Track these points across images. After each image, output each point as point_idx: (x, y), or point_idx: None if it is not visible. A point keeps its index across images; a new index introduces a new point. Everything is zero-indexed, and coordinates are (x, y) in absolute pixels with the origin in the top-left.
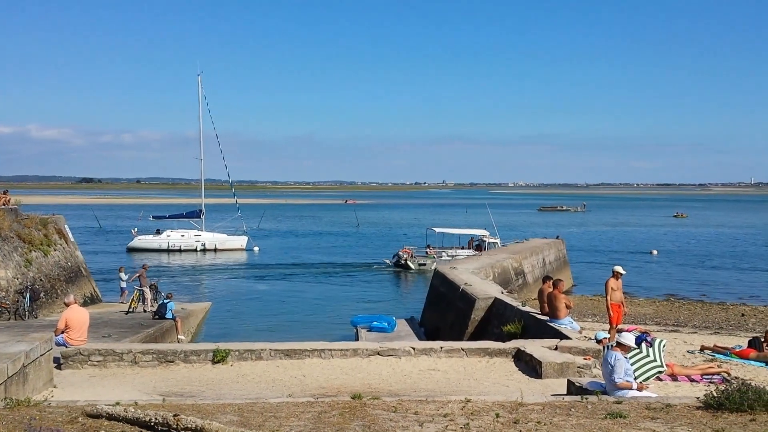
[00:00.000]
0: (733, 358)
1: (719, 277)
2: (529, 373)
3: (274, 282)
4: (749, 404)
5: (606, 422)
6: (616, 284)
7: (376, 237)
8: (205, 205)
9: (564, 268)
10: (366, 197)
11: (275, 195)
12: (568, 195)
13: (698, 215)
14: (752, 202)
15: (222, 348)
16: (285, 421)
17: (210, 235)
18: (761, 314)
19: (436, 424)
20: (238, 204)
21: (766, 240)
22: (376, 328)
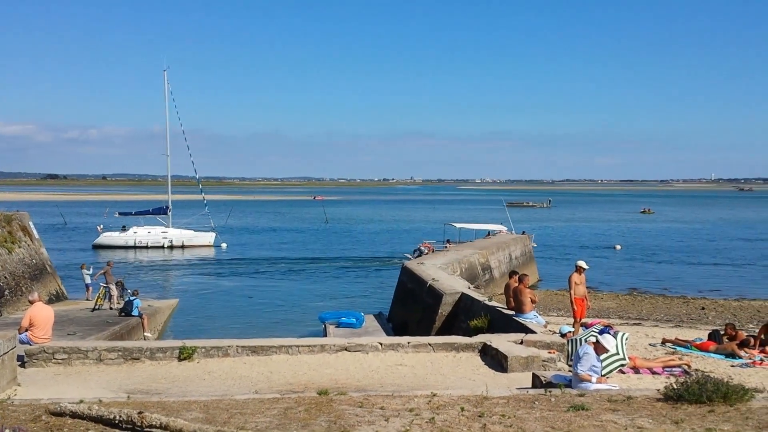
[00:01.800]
0: (693, 351)
1: (681, 272)
2: (495, 367)
3: (241, 278)
4: (708, 396)
5: (569, 415)
6: (580, 279)
7: (344, 233)
8: (172, 201)
9: (530, 263)
10: (334, 193)
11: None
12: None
13: (663, 211)
14: (712, 197)
15: (188, 345)
16: (251, 418)
17: (177, 231)
18: (721, 307)
19: (402, 418)
20: (205, 200)
21: (725, 235)
22: (344, 324)
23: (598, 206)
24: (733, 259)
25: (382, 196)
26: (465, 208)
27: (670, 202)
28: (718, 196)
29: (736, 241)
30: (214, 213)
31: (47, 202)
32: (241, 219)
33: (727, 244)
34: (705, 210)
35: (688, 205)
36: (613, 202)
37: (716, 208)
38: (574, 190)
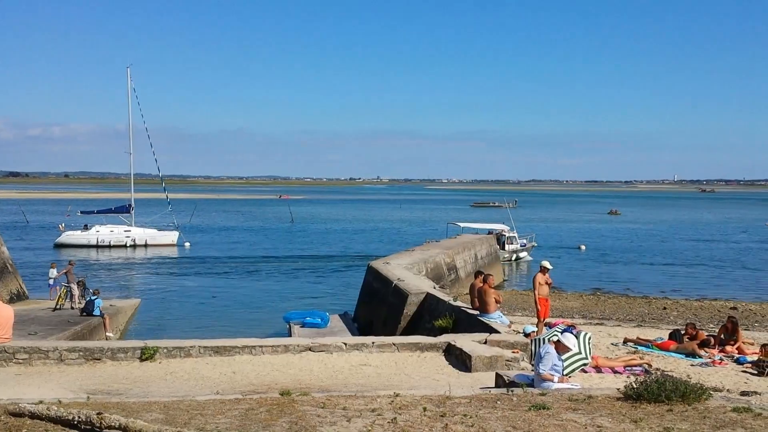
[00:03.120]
0: (654, 350)
1: (643, 272)
2: (459, 367)
3: (205, 278)
4: (667, 395)
5: (530, 414)
6: (544, 279)
7: (310, 232)
8: (135, 199)
9: (495, 264)
10: (300, 192)
11: (207, 190)
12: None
13: (628, 212)
14: (675, 198)
15: (150, 345)
16: (211, 419)
17: (140, 230)
18: (682, 307)
19: (364, 419)
20: (168, 199)
21: (687, 235)
22: (309, 324)
23: (564, 207)
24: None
25: (349, 196)
26: (431, 207)
27: (634, 203)
28: (681, 197)
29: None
30: (177, 212)
31: (9, 201)
32: (206, 218)
33: (686, 246)
34: (668, 211)
35: (652, 206)
36: (579, 203)
37: (679, 209)
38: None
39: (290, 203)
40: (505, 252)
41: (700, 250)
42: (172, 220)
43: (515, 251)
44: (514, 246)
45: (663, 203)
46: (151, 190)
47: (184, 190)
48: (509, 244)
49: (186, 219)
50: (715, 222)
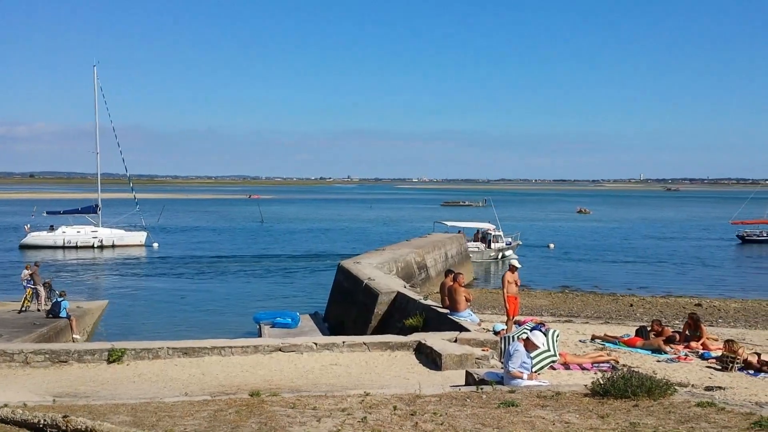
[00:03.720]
0: (621, 347)
1: (611, 269)
2: (430, 365)
3: (174, 279)
4: (633, 391)
5: (499, 411)
6: (513, 277)
7: (280, 232)
8: (102, 200)
9: (465, 262)
10: (270, 192)
11: (176, 189)
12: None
13: (596, 210)
14: (642, 197)
15: (118, 347)
16: (179, 421)
17: (107, 231)
18: (648, 304)
19: (334, 418)
20: (136, 199)
21: (653, 233)
22: (280, 324)
23: (534, 205)
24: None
25: (319, 195)
26: (401, 207)
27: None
28: (647, 196)
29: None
30: (145, 212)
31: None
32: (174, 218)
33: (652, 244)
34: (635, 209)
35: (619, 205)
36: (548, 202)
37: (645, 207)
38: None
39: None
40: (491, 250)
41: (666, 248)
42: (140, 220)
43: (501, 249)
44: (499, 244)
45: (630, 202)
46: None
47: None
48: (495, 242)
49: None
50: (681, 220)
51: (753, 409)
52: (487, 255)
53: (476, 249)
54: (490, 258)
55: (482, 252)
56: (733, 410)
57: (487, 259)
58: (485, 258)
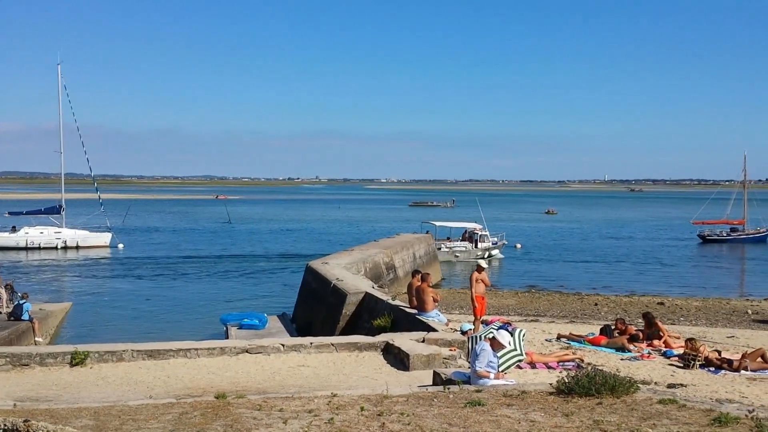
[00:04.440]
0: (586, 345)
1: (577, 269)
2: (398, 365)
3: (139, 280)
4: (596, 389)
5: (465, 410)
6: (480, 277)
7: (248, 233)
8: (66, 200)
9: (433, 263)
10: (237, 192)
11: (141, 190)
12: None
13: (563, 211)
14: (606, 198)
15: (81, 350)
16: (143, 424)
17: (71, 231)
18: (613, 303)
19: (301, 420)
20: (101, 199)
21: (616, 233)
22: (247, 326)
23: (501, 206)
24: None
25: (287, 196)
26: (370, 207)
27: (568, 202)
28: (612, 197)
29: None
30: (110, 212)
31: None
32: (140, 219)
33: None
34: (600, 210)
35: (585, 206)
36: (515, 202)
37: (610, 208)
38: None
39: (227, 203)
40: (478, 250)
41: (629, 247)
42: (104, 221)
43: (487, 249)
44: (486, 244)
45: (595, 202)
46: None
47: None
48: (482, 242)
49: (119, 220)
50: (643, 220)
51: (713, 405)
52: (474, 254)
53: (464, 248)
54: (477, 257)
55: (470, 251)
56: (694, 407)
57: (474, 258)
58: (472, 257)
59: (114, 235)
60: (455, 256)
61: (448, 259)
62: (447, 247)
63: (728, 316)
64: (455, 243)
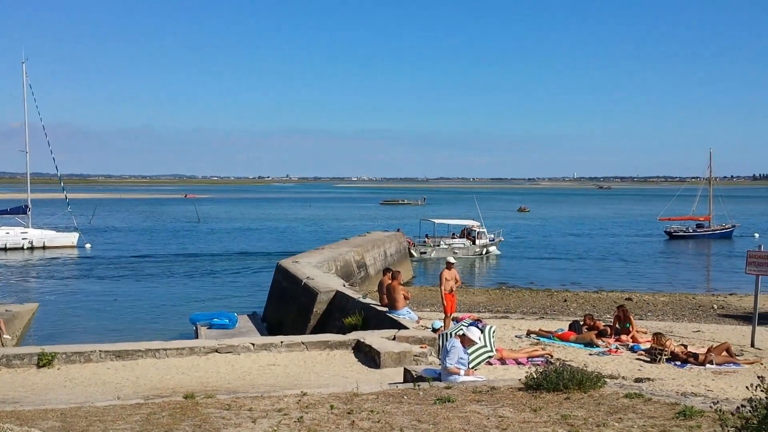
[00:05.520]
0: (555, 341)
1: (546, 266)
2: (369, 363)
3: (107, 280)
4: (564, 384)
5: (435, 407)
6: (450, 275)
7: (217, 232)
8: (32, 200)
9: (404, 260)
10: (206, 191)
11: (109, 189)
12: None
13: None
14: (576, 195)
15: (48, 351)
16: (111, 425)
17: (37, 232)
18: (582, 299)
19: (270, 419)
20: (67, 199)
21: (585, 230)
22: (217, 325)
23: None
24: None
25: (257, 194)
26: (341, 205)
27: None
28: (581, 194)
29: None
30: (77, 212)
31: None
32: (107, 218)
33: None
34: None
35: (555, 203)
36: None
37: (580, 205)
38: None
39: (196, 202)
40: (476, 246)
41: (597, 244)
42: (71, 220)
43: (485, 245)
44: (483, 241)
45: (565, 199)
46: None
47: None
48: (479, 239)
49: (86, 220)
50: (611, 217)
51: (678, 399)
52: (473, 251)
53: (462, 245)
54: (475, 254)
55: (468, 248)
56: (659, 401)
57: (473, 255)
58: (471, 254)
59: (81, 235)
60: (454, 253)
61: (446, 255)
62: (446, 244)
63: (694, 310)
64: (454, 240)
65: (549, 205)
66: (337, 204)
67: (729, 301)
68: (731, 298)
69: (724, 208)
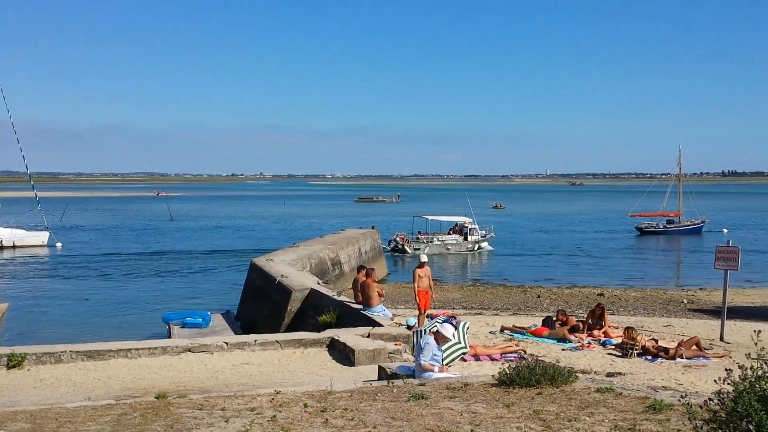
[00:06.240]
0: (529, 337)
1: (520, 262)
2: (343, 361)
3: (78, 280)
4: (536, 379)
5: (409, 404)
6: (423, 272)
7: (190, 230)
8: (1, 198)
9: (379, 258)
10: (179, 189)
11: (80, 188)
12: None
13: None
14: (549, 191)
15: (17, 352)
16: (81, 426)
17: (7, 231)
18: (554, 295)
19: (243, 418)
20: (38, 197)
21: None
22: (190, 324)
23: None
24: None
25: (230, 192)
26: (315, 203)
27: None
28: (554, 191)
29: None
30: (47, 211)
31: None
32: (78, 217)
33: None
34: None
35: (528, 200)
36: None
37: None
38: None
39: (169, 200)
40: (468, 242)
41: (570, 240)
42: (41, 219)
43: (477, 241)
44: (475, 237)
45: (538, 196)
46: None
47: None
48: (471, 235)
49: (57, 218)
50: (584, 213)
51: (648, 393)
52: (465, 247)
53: (454, 241)
54: (467, 250)
55: (460, 244)
56: (630, 395)
57: (465, 250)
58: (463, 250)
59: (52, 234)
60: (446, 249)
61: (439, 252)
62: (439, 240)
63: (665, 305)
64: (446, 236)
65: (523, 202)
66: (311, 201)
67: (699, 296)
68: (701, 293)
69: (694, 204)
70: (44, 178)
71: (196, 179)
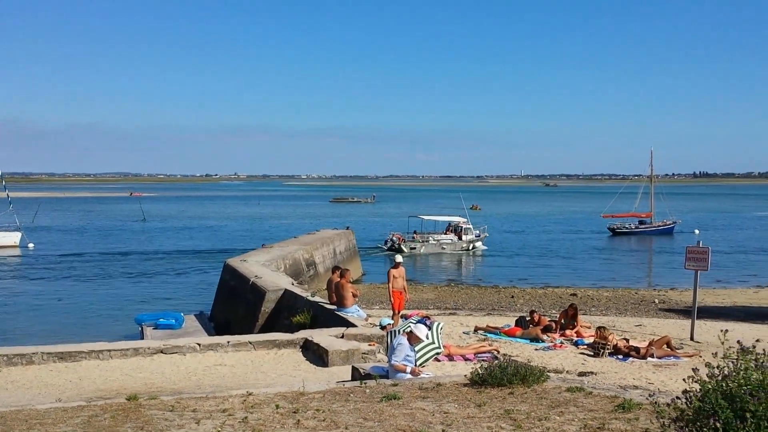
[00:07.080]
0: (502, 337)
1: (494, 263)
2: (317, 362)
3: (51, 281)
4: (508, 379)
5: (381, 405)
6: (398, 272)
7: (163, 230)
8: None
9: (354, 258)
10: (153, 189)
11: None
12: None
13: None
14: (524, 192)
15: None
16: (51, 428)
17: None
18: (528, 295)
19: (214, 420)
20: (9, 198)
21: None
22: (163, 325)
23: (424, 201)
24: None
25: (204, 192)
26: (290, 203)
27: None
28: (528, 191)
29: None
30: (19, 211)
31: None
32: (51, 217)
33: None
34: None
35: (503, 201)
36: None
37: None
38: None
39: (142, 200)
40: (463, 242)
41: (544, 241)
42: (13, 219)
43: (471, 241)
44: (469, 236)
45: (512, 197)
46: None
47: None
48: (465, 234)
49: (29, 219)
50: (557, 214)
51: (618, 392)
52: (459, 246)
53: (449, 241)
54: (462, 249)
55: (455, 243)
56: (600, 394)
57: (459, 250)
58: (457, 249)
59: (24, 235)
60: (442, 248)
61: (435, 251)
62: (435, 240)
63: (636, 305)
64: (441, 236)
65: (498, 203)
66: (286, 202)
67: (670, 296)
68: (672, 293)
69: (666, 205)
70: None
71: (169, 179)
